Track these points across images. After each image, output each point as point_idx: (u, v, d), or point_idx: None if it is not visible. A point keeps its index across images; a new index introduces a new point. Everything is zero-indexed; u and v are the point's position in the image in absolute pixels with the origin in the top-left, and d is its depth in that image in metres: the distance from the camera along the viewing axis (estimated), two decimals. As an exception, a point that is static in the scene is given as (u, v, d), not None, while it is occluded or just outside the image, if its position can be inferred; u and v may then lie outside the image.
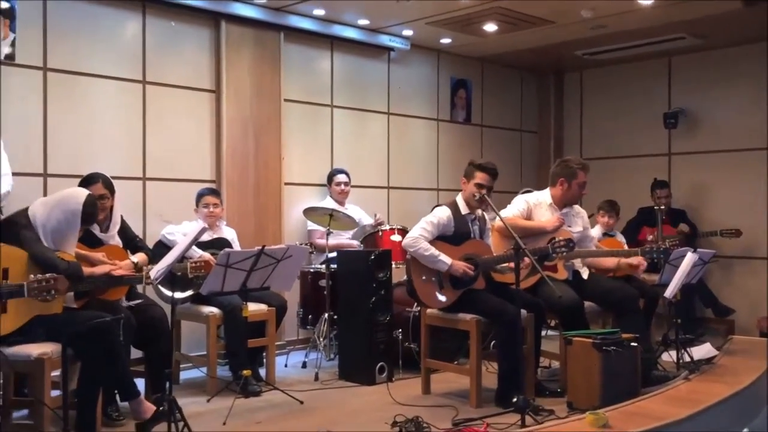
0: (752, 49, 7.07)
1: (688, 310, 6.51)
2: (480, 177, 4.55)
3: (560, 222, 4.87)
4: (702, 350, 4.95)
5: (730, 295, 7.02)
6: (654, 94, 7.77)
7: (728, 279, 7.19)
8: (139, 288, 4.55)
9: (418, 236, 4.51)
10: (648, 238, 6.88)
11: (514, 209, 4.95)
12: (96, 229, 4.20)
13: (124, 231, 4.41)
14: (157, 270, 3.78)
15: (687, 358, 4.65)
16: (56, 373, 3.60)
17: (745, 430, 4.24)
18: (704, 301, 7.00)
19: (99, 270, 3.95)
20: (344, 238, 6.08)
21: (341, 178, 6.27)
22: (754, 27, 6.52)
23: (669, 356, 4.87)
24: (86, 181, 4.21)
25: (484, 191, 4.52)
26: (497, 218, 4.70)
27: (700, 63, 7.44)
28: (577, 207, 5.18)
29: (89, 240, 4.15)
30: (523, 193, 5.24)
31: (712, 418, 3.62)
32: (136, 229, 4.77)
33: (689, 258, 4.66)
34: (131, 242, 4.40)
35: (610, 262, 5.17)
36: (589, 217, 5.51)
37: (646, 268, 5.35)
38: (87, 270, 3.85)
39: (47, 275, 3.29)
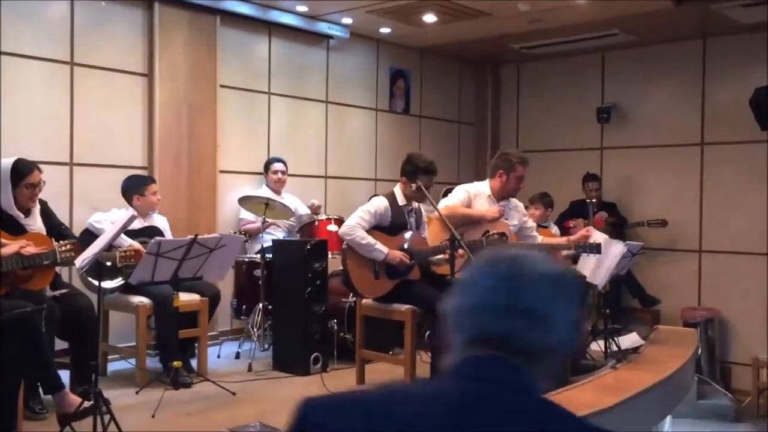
0: (683, 46, 7.28)
1: (616, 301, 6.69)
2: (424, 180, 4.52)
3: (500, 213, 4.91)
4: (629, 340, 5.09)
5: (655, 285, 7.25)
6: (588, 88, 7.93)
7: (654, 270, 7.41)
8: (65, 277, 4.40)
9: (355, 225, 4.50)
10: (570, 225, 7.01)
11: (455, 198, 4.95)
12: (20, 217, 4.04)
13: (49, 218, 4.25)
14: (83, 259, 3.66)
15: (614, 348, 4.78)
16: (-26, 365, 3.44)
17: (669, 416, 4.39)
18: (632, 291, 7.20)
19: (6, 250, 3.76)
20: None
21: (278, 166, 6.19)
22: (685, 25, 6.72)
23: (597, 346, 4.99)
24: (20, 172, 4.01)
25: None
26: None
27: (633, 59, 7.63)
28: (514, 200, 5.23)
29: (11, 227, 3.98)
30: (446, 191, 5.27)
31: (639, 406, 3.73)
32: (63, 216, 4.60)
33: (616, 248, 4.77)
34: (56, 230, 4.24)
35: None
36: (525, 208, 5.58)
37: (576, 259, 5.45)
38: None
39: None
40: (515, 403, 1.10)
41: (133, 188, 5.00)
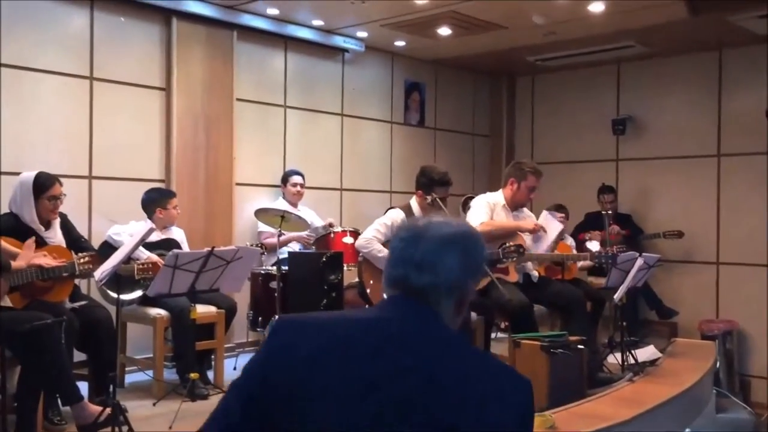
0: (699, 58, 7.26)
1: (633, 313, 6.65)
2: (440, 192, 4.55)
3: (537, 226, 4.92)
4: (646, 352, 5.06)
5: (672, 298, 7.20)
6: (603, 100, 7.92)
7: (671, 282, 7.37)
8: (84, 289, 4.44)
9: (372, 237, 4.52)
10: (586, 237, 6.99)
11: (481, 212, 4.94)
12: (40, 230, 4.09)
13: (69, 231, 4.30)
14: (102, 271, 3.70)
15: (631, 360, 4.75)
16: (-6, 377, 3.48)
17: (687, 430, 4.35)
18: (649, 303, 7.15)
19: (24, 261, 3.81)
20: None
21: (297, 179, 6.23)
22: (701, 36, 6.71)
23: (614, 358, 4.96)
24: (42, 185, 4.07)
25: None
26: (470, 221, 4.75)
27: (648, 71, 7.61)
28: (526, 210, 5.25)
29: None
30: (466, 200, 5.29)
31: (656, 419, 3.71)
32: (82, 229, 4.66)
33: (639, 263, 4.76)
34: (76, 242, 4.28)
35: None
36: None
37: (593, 271, 5.46)
38: (14, 264, 3.72)
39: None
40: (418, 334, 1.43)
41: (156, 201, 5.04)
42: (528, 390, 1.43)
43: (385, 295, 1.56)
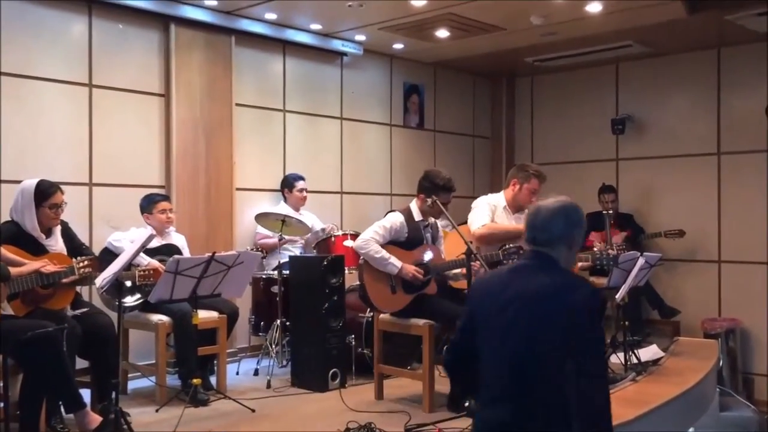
0: (698, 56, 7.27)
1: (635, 312, 6.63)
2: (442, 197, 4.53)
3: None
4: (649, 352, 5.06)
5: (674, 296, 7.19)
6: (602, 100, 7.92)
7: (673, 281, 7.36)
8: (85, 296, 4.44)
9: (369, 238, 4.52)
10: (591, 239, 6.99)
11: (483, 214, 4.94)
12: (41, 238, 4.10)
13: (70, 238, 4.30)
14: (103, 278, 3.70)
15: (634, 360, 4.75)
16: (-3, 384, 3.48)
17: (691, 429, 4.35)
18: (651, 302, 7.14)
19: (26, 268, 3.81)
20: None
21: (303, 184, 6.24)
22: (700, 35, 6.71)
23: (617, 358, 4.95)
24: (43, 193, 4.07)
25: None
26: (472, 223, 4.80)
27: (647, 70, 7.61)
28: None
29: (33, 247, 4.04)
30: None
31: (660, 419, 3.70)
32: (82, 235, 4.66)
33: (640, 262, 4.76)
34: (77, 250, 4.28)
35: None
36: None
37: (594, 271, 5.45)
38: (14, 270, 3.73)
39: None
40: (541, 269, 2.35)
41: (143, 208, 5.06)
42: (592, 289, 2.32)
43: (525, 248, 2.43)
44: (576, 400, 2.15)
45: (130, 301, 4.64)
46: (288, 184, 6.25)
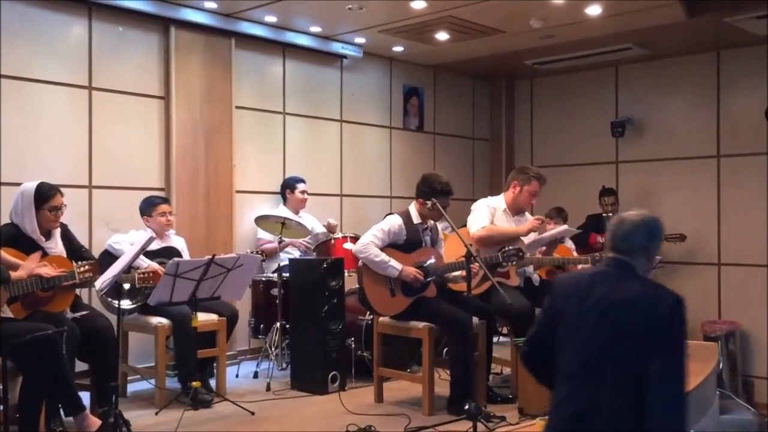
0: (697, 59, 7.27)
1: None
2: (441, 201, 4.53)
3: (535, 227, 4.91)
4: (649, 355, 5.04)
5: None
6: (602, 102, 7.92)
7: (672, 284, 7.32)
8: (85, 299, 4.44)
9: (369, 242, 4.51)
10: (598, 240, 7.00)
11: (482, 216, 4.94)
12: (41, 240, 4.10)
13: (70, 240, 4.30)
14: (102, 281, 3.71)
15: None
16: (-4, 387, 3.48)
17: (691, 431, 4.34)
18: (651, 305, 7.12)
19: (26, 272, 3.80)
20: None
21: (304, 186, 6.24)
22: (699, 38, 6.72)
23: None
24: (43, 195, 4.07)
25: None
26: (471, 225, 4.83)
27: (647, 73, 7.62)
28: (528, 215, 5.24)
29: (33, 250, 4.02)
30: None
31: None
32: (82, 238, 4.66)
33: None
34: (76, 252, 4.28)
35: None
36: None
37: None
38: (14, 274, 3.72)
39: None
40: (623, 276, 2.50)
41: (143, 211, 5.06)
42: (677, 297, 2.41)
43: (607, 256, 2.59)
44: (654, 402, 2.30)
45: (125, 304, 4.62)
46: (289, 185, 6.24)
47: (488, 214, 4.96)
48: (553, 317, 2.56)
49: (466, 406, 3.89)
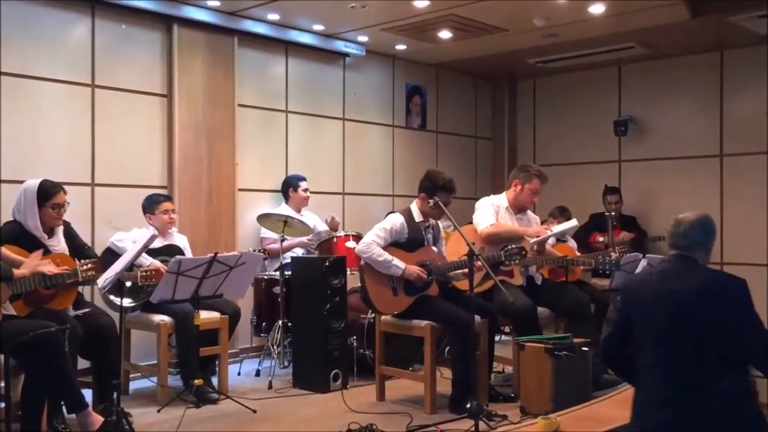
0: (700, 58, 7.25)
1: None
2: (443, 197, 4.52)
3: (543, 232, 4.92)
4: (651, 354, 5.03)
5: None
6: (604, 101, 7.91)
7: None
8: (87, 296, 4.45)
9: (371, 242, 4.51)
10: (598, 239, 7.00)
11: (487, 214, 4.94)
12: (43, 238, 4.10)
13: (72, 238, 4.30)
14: (105, 278, 3.71)
15: (636, 362, 4.73)
16: (-2, 384, 3.49)
17: None
18: (653, 305, 7.11)
19: (29, 270, 3.81)
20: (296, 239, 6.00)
21: (306, 184, 6.24)
22: (702, 37, 6.70)
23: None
24: (46, 193, 4.08)
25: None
26: (478, 223, 4.83)
27: (650, 72, 7.60)
28: (530, 213, 5.25)
29: (36, 248, 4.03)
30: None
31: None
32: (84, 235, 4.66)
33: (642, 264, 4.76)
34: (79, 250, 4.28)
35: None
36: (542, 222, 5.58)
37: (597, 272, 5.46)
38: (17, 272, 3.73)
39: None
40: (686, 271, 2.73)
41: (145, 209, 5.06)
42: (739, 279, 2.73)
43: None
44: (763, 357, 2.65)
45: (126, 303, 4.60)
46: (292, 184, 6.24)
47: (493, 212, 4.97)
48: (628, 316, 2.78)
49: (468, 405, 3.89)
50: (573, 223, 5.29)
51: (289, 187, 6.25)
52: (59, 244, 4.18)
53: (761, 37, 6.45)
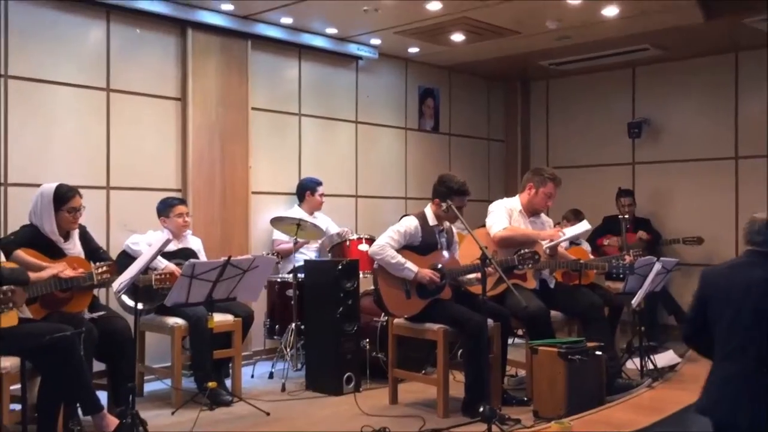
0: (715, 60, 7.22)
1: (651, 318, 6.60)
2: (457, 201, 4.52)
3: (556, 236, 4.91)
4: (665, 358, 5.03)
5: (691, 302, 7.12)
6: (618, 103, 7.89)
7: (690, 286, 7.26)
8: (102, 299, 4.48)
9: (385, 244, 4.52)
10: (605, 242, 6.97)
11: (501, 217, 4.93)
12: (59, 241, 4.14)
13: (87, 242, 4.34)
14: (120, 281, 3.73)
15: (651, 366, 4.72)
16: (15, 387, 3.52)
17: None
18: (668, 308, 7.09)
19: (45, 273, 3.85)
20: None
21: (323, 188, 6.26)
22: (716, 39, 6.66)
23: (633, 364, 4.92)
24: (62, 197, 4.12)
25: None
26: (492, 226, 4.86)
27: (664, 74, 7.57)
28: (544, 216, 5.23)
29: (51, 251, 4.08)
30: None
31: (675, 426, 3.67)
32: (100, 239, 4.70)
33: (657, 267, 4.73)
34: (95, 253, 4.32)
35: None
36: (555, 225, 5.56)
37: (611, 275, 5.44)
38: (33, 275, 3.76)
39: (4, 287, 3.22)
40: (757, 264, 3.00)
41: (160, 212, 5.09)
42: None
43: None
44: None
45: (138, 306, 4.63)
46: (309, 187, 6.25)
47: (506, 215, 4.96)
48: (705, 303, 3.16)
49: (481, 409, 3.89)
50: (586, 226, 5.26)
51: (306, 189, 6.26)
52: (75, 247, 4.21)
53: (777, 39, 6.41)
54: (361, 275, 5.27)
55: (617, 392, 4.50)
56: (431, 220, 4.66)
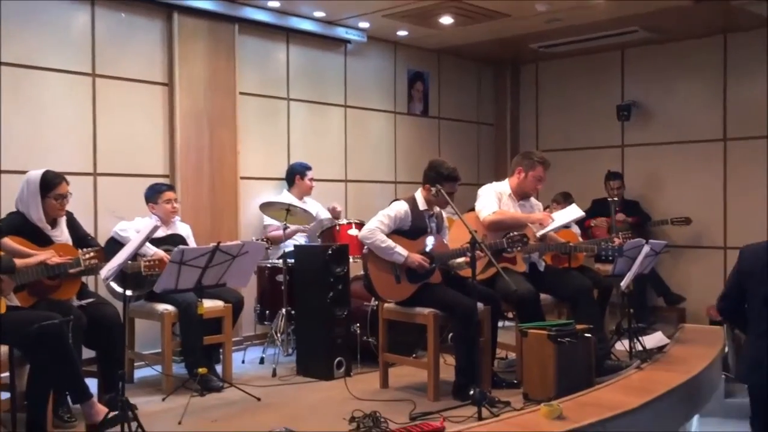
0: (704, 42, 7.22)
1: (640, 299, 6.63)
2: (447, 187, 4.52)
3: (546, 220, 4.91)
4: (654, 339, 5.06)
5: (680, 283, 7.19)
6: (607, 86, 7.88)
7: (678, 267, 7.34)
8: (91, 286, 4.46)
9: (375, 228, 4.51)
10: (591, 224, 6.99)
11: (491, 201, 4.94)
12: (46, 228, 4.11)
13: (75, 229, 4.31)
14: (108, 269, 3.71)
15: (639, 347, 4.75)
16: (3, 375, 3.50)
17: (696, 416, 4.35)
18: (656, 289, 7.14)
19: (33, 260, 3.83)
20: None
21: (312, 173, 6.23)
22: (706, 21, 6.67)
23: (622, 345, 4.96)
24: (49, 184, 4.09)
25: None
26: (481, 210, 4.85)
27: (653, 56, 7.57)
28: (533, 199, 5.24)
29: (39, 238, 4.05)
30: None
31: (665, 406, 3.70)
32: (87, 225, 4.67)
33: (645, 250, 4.75)
34: (82, 240, 4.29)
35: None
36: (545, 208, 5.57)
37: (600, 257, 5.45)
38: (20, 262, 3.74)
39: (-8, 276, 3.20)
40: None
41: (148, 198, 5.06)
42: None
43: None
44: None
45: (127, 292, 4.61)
46: (299, 172, 6.23)
47: (496, 199, 4.96)
48: (741, 279, 3.39)
49: (471, 392, 3.91)
50: (578, 212, 5.24)
51: (295, 174, 6.24)
52: (62, 234, 4.19)
53: (765, 21, 6.41)
54: (351, 260, 5.26)
55: (606, 374, 4.53)
56: (421, 205, 4.66)
